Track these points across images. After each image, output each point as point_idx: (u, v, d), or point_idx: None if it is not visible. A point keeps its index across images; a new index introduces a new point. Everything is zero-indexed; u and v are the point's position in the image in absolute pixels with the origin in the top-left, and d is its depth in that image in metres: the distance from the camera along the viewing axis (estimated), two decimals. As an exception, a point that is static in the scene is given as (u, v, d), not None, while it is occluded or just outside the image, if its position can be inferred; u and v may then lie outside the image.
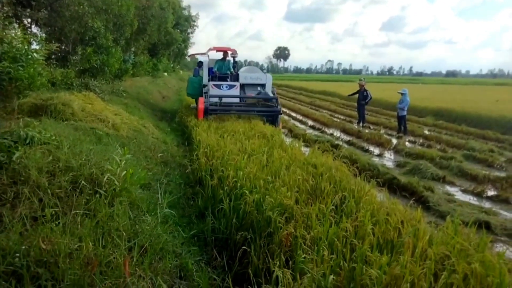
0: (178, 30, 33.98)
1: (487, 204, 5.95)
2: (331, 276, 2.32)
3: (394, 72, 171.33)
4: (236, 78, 11.29)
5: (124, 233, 2.62)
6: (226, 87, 10.58)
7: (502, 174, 7.47)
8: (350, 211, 3.76)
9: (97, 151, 4.08)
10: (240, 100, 10.64)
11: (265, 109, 10.16)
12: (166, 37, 27.86)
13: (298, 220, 3.42)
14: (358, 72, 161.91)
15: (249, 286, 2.78)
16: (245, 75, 11.32)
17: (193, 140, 7.48)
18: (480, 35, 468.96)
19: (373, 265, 2.51)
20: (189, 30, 39.82)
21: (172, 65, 40.60)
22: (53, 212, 2.68)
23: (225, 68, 11.72)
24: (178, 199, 4.23)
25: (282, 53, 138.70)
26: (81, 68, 10.92)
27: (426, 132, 13.21)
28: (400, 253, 2.78)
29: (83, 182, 3.23)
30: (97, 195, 3.06)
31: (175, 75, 37.39)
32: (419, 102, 18.43)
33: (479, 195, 6.40)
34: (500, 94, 30.96)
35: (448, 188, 6.81)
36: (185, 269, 2.85)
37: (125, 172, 3.40)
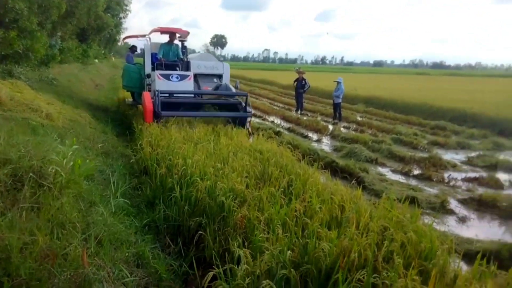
0: (110, 15, 32.08)
1: (413, 182, 6.61)
2: (288, 252, 2.48)
3: (327, 62, 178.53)
4: (186, 66, 9.17)
5: (77, 225, 2.54)
6: (177, 77, 8.20)
7: (425, 155, 8.29)
8: (297, 193, 3.98)
9: (35, 143, 3.82)
10: (194, 97, 8.44)
11: (233, 114, 7.95)
12: (96, 21, 26.15)
13: (251, 204, 3.54)
14: (294, 61, 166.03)
15: (208, 269, 2.85)
16: (197, 63, 9.16)
17: (134, 130, 7.26)
18: (404, 28, 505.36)
19: (323, 239, 2.72)
20: (121, 15, 37.75)
21: (103, 52, 38.31)
22: (-5, 208, 2.51)
23: (173, 54, 9.24)
24: (124, 190, 4.12)
25: (219, 41, 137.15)
26: (2, 53, 9.92)
27: (359, 118, 14.11)
28: (345, 228, 3.03)
29: (25, 175, 3.04)
30: (43, 188, 2.90)
31: (107, 62, 35.37)
32: (351, 90, 19.54)
33: (406, 174, 7.07)
34: (420, 82, 33.92)
35: (380, 169, 7.42)
36: (142, 257, 2.84)
37: (71, 163, 3.25)
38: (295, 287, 2.33)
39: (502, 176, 6.93)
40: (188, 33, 9.76)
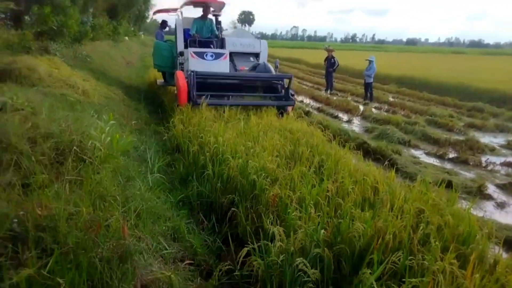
0: (139, -9, 32.16)
1: (448, 166, 6.40)
2: (322, 231, 2.49)
3: (358, 40, 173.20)
4: (221, 44, 8.39)
5: (118, 198, 2.63)
6: (211, 56, 7.48)
7: (461, 138, 7.99)
8: (329, 173, 3.94)
9: (74, 118, 3.96)
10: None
11: (278, 103, 7.11)
12: (126, -3, 26.35)
13: (282, 183, 3.55)
14: (323, 39, 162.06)
15: (240, 246, 2.90)
16: (233, 41, 8.29)
17: (166, 108, 7.37)
18: (439, 6, 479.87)
19: (357, 220, 2.70)
20: (150, -9, 37.76)
21: (133, 29, 38.66)
22: (41, 180, 2.63)
23: (207, 30, 8.45)
24: (159, 166, 4.22)
25: (246, 17, 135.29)
26: (38, 30, 10.19)
27: (391, 98, 13.70)
28: (380, 209, 2.99)
29: (66, 149, 3.16)
30: (84, 162, 3.01)
31: (136, 40, 35.74)
32: (383, 70, 18.93)
33: (441, 157, 6.85)
34: (456, 61, 32.36)
35: (413, 151, 7.23)
36: (178, 231, 2.92)
37: (109, 138, 3.34)
38: (328, 266, 2.34)
39: (544, 161, 6.59)
40: (224, 4, 8.80)
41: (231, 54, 7.93)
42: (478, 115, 11.04)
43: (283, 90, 7.30)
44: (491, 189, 5.30)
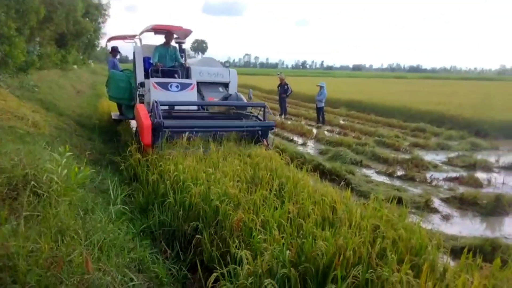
0: (88, 19, 31.61)
1: (397, 183, 6.82)
2: (287, 251, 2.57)
3: (307, 66, 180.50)
4: (186, 73, 7.72)
5: (79, 231, 2.56)
6: (177, 86, 6.84)
7: (407, 156, 8.56)
8: (289, 195, 4.07)
9: (26, 151, 3.81)
10: (198, 109, 7.15)
11: (253, 123, 6.56)
12: (75, 26, 25.67)
13: (245, 207, 3.62)
14: (274, 66, 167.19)
15: (206, 272, 2.91)
16: (199, 70, 7.65)
17: (121, 137, 7.24)
18: (381, 33, 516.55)
19: (319, 239, 2.82)
20: (100, 20, 37.20)
21: (82, 58, 37.64)
22: (-6, 216, 2.50)
23: (170, 58, 7.68)
24: (119, 197, 4.13)
25: (199, 46, 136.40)
26: (-20, 60, 9.69)
27: (341, 121, 14.40)
28: (339, 228, 3.15)
29: (19, 183, 3.04)
30: (40, 196, 2.90)
31: (86, 68, 34.79)
32: (333, 94, 19.88)
33: (390, 175, 7.28)
34: (399, 85, 34.74)
35: (365, 170, 7.62)
36: (142, 262, 2.87)
37: (65, 171, 3.25)
38: (295, 285, 2.42)
39: (480, 175, 7.23)
40: (190, 31, 8.07)
41: (198, 84, 7.33)
42: (421, 135, 11.89)
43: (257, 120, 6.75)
44: (436, 203, 5.71)
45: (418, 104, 16.23)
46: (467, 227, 4.99)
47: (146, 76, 7.21)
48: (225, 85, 7.85)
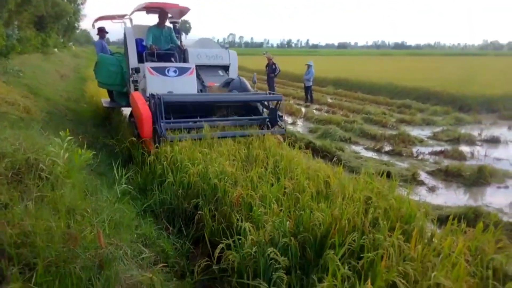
0: (67, 1, 30.71)
1: (385, 158, 7.06)
2: (287, 222, 2.74)
3: (293, 45, 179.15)
4: (183, 56, 7.03)
5: (88, 210, 2.67)
6: (175, 71, 6.17)
7: (394, 132, 8.80)
8: (285, 172, 4.24)
9: (25, 136, 3.85)
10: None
11: (266, 131, 5.80)
12: (54, 8, 25.07)
13: (242, 184, 3.77)
14: (259, 45, 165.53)
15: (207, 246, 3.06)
16: (197, 52, 6.98)
17: (113, 120, 7.26)
18: (366, 10, 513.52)
19: (315, 211, 2.99)
20: (80, 1, 36.21)
21: (62, 41, 36.68)
22: (3, 200, 2.59)
23: (165, 40, 7.00)
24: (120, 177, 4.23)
25: (183, 26, 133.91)
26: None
27: (329, 100, 14.56)
28: (333, 200, 3.33)
29: (22, 167, 3.11)
30: (46, 179, 2.99)
31: (67, 51, 33.92)
32: (320, 73, 19.97)
33: (378, 151, 7.52)
34: (384, 63, 34.97)
35: (354, 147, 7.84)
36: (148, 238, 3.01)
37: (67, 154, 3.33)
38: (295, 253, 2.59)
39: (464, 149, 7.51)
40: (187, 9, 7.41)
41: (196, 68, 6.59)
42: (407, 111, 12.15)
43: (264, 111, 6.27)
44: (423, 176, 5.97)
45: (403, 81, 16.47)
46: (452, 198, 5.26)
47: (140, 60, 6.60)
48: (225, 68, 7.27)
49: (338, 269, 2.21)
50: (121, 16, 7.84)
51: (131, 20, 7.61)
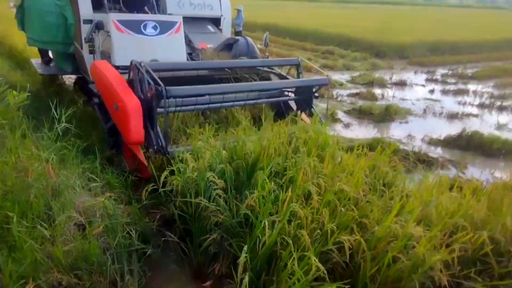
0: None
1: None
2: (223, 151, 3.14)
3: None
4: (156, 4, 5.13)
5: (32, 148, 2.79)
6: (154, 28, 4.30)
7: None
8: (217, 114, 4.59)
9: None
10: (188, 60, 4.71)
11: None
12: None
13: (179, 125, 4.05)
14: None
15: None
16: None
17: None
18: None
19: (247, 142, 3.43)
20: None
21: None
22: None
23: None
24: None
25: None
26: None
27: (258, 46, 14.73)
28: (262, 133, 3.79)
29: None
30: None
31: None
32: (249, 18, 19.85)
33: (303, 93, 8.14)
34: (311, 9, 35.54)
35: (282, 90, 8.37)
36: (93, 172, 3.21)
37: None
38: (230, 176, 3.02)
39: (376, 91, 8.46)
40: None
41: None
42: (330, 57, 12.94)
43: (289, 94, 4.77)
44: (340, 114, 6.74)
45: (328, 28, 17.18)
46: (362, 132, 6.11)
47: (95, 6, 4.65)
48: (215, 21, 5.66)
49: (266, 183, 2.69)
50: None
51: None
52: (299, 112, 4.41)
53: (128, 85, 3.48)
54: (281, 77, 4.96)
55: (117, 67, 3.83)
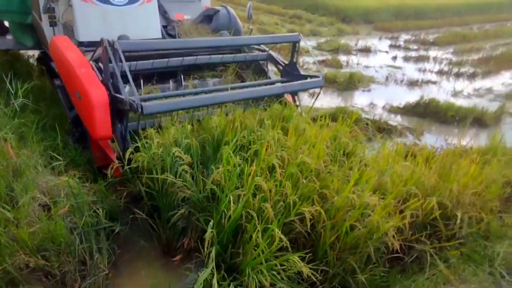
0: None
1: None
2: (189, 126, 3.16)
3: None
4: None
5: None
6: None
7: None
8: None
9: None
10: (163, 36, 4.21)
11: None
12: None
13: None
14: None
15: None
16: None
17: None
18: None
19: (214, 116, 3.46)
20: None
21: None
22: None
23: None
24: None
25: None
26: None
27: (224, 8, 14.37)
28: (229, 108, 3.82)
29: None
30: None
31: None
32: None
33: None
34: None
35: (248, 58, 8.28)
36: (55, 149, 3.15)
37: None
38: (196, 151, 3.06)
39: (342, 58, 8.56)
40: None
41: None
42: (297, 22, 12.82)
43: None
44: (306, 83, 6.80)
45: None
46: (327, 101, 6.24)
47: None
48: None
49: (231, 158, 2.76)
50: None
51: None
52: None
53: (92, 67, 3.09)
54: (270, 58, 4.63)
55: (81, 43, 3.49)
